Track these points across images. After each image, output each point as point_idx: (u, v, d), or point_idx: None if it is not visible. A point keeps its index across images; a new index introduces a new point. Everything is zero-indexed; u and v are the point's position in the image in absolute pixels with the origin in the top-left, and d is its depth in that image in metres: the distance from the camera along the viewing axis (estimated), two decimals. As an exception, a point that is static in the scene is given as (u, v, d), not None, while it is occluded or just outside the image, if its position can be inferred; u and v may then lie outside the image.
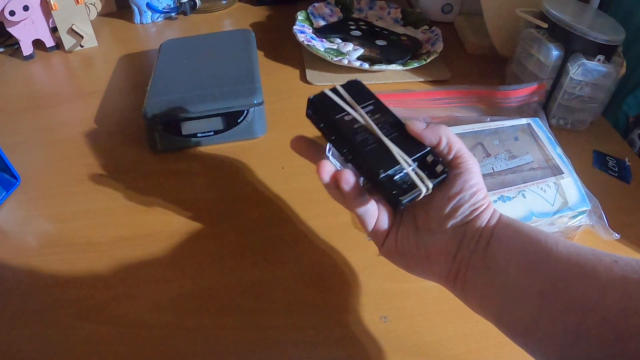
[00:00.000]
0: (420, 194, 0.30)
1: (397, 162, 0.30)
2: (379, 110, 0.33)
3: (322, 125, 0.33)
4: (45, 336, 0.37)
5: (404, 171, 0.30)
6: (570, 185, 0.46)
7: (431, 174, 0.31)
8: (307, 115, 0.33)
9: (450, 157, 0.31)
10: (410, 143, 0.32)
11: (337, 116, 0.32)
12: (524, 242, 0.28)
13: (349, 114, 0.32)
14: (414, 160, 0.31)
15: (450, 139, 0.31)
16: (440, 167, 0.31)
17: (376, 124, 0.32)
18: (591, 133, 0.59)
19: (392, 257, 0.33)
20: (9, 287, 0.41)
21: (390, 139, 0.31)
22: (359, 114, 0.32)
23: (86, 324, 0.38)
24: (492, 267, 0.29)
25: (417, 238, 0.32)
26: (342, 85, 0.34)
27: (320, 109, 0.33)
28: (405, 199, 0.29)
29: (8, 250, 0.44)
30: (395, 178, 0.30)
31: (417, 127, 0.31)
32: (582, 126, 0.58)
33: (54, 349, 0.37)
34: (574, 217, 0.46)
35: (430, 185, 0.30)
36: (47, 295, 0.40)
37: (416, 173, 0.30)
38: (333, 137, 0.32)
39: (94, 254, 0.43)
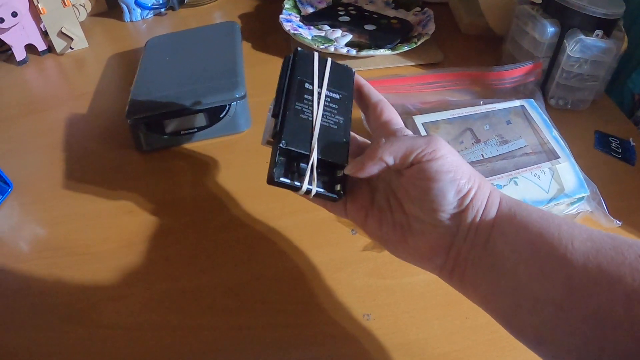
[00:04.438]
0: (297, 190, 0.29)
1: (307, 148, 0.30)
2: (342, 104, 0.33)
3: (284, 73, 0.33)
4: (36, 340, 0.38)
5: (308, 163, 0.30)
6: (567, 170, 0.43)
7: (327, 186, 0.30)
8: (284, 59, 0.34)
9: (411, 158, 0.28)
10: (333, 147, 0.31)
11: (299, 77, 0.32)
12: (534, 239, 0.25)
13: (311, 84, 0.32)
14: (321, 161, 0.30)
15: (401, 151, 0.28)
16: (339, 186, 0.30)
17: (324, 110, 0.32)
18: (593, 113, 0.55)
19: (379, 242, 0.31)
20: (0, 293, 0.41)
21: (320, 131, 0.31)
22: (317, 92, 0.32)
23: (75, 327, 0.38)
24: (496, 267, 0.26)
25: (404, 226, 0.29)
26: (333, 62, 0.34)
27: (296, 62, 0.33)
28: (278, 179, 0.29)
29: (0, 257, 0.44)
30: (292, 156, 0.30)
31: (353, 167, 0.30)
32: (583, 106, 0.55)
33: (45, 352, 0.37)
34: (572, 204, 0.43)
35: (313, 192, 0.29)
36: (37, 300, 0.40)
37: (312, 171, 0.29)
38: (282, 88, 0.32)
39: (82, 257, 0.43)
